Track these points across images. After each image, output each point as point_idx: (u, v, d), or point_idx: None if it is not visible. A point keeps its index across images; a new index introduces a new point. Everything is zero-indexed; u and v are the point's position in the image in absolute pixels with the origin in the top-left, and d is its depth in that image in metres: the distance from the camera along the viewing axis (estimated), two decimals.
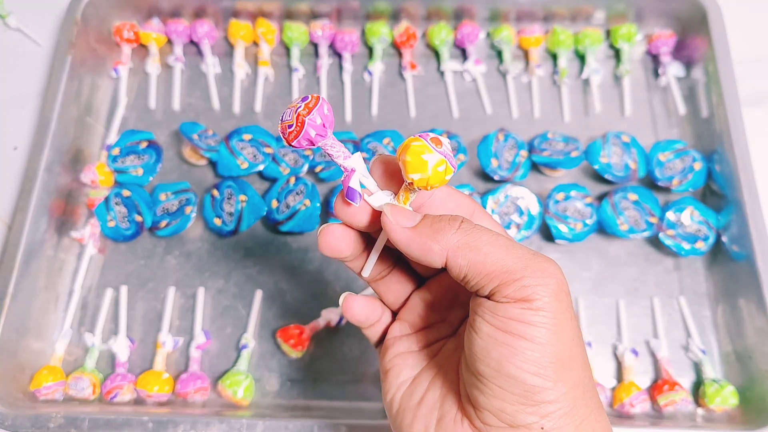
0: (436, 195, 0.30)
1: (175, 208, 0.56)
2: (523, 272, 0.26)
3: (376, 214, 0.29)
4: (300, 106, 0.27)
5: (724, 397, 0.49)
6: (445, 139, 0.27)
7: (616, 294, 0.55)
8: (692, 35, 0.62)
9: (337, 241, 0.30)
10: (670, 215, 0.55)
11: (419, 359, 0.33)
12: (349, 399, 0.52)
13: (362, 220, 0.29)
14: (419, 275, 0.34)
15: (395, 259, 0.34)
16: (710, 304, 0.55)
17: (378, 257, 0.32)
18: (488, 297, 0.27)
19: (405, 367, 0.32)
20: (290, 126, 0.27)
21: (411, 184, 0.27)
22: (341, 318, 0.54)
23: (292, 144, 0.27)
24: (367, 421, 0.48)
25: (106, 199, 0.56)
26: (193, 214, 0.56)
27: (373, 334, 0.35)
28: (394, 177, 0.30)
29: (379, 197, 0.29)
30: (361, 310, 0.33)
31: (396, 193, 0.29)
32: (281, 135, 0.28)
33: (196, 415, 0.48)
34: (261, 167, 0.57)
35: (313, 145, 0.27)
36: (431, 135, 0.27)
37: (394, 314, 0.35)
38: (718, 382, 0.50)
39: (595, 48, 0.64)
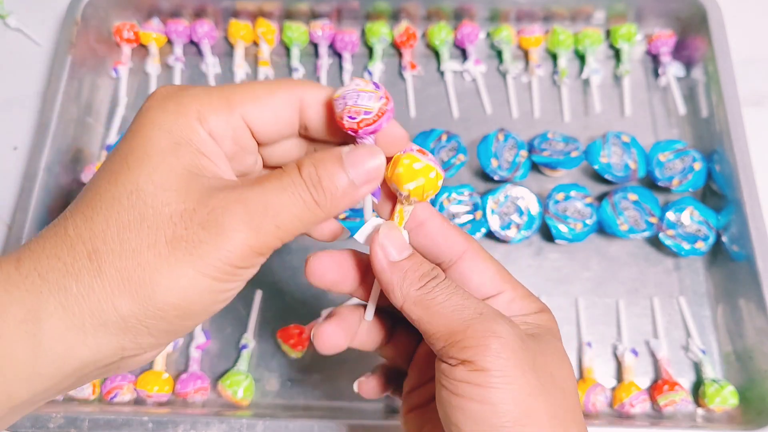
0: (429, 226, 0.29)
1: None
2: (464, 333, 0.25)
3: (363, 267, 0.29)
4: (381, 97, 0.26)
5: (724, 397, 0.49)
6: (428, 153, 0.27)
7: (616, 294, 0.55)
8: (692, 35, 0.62)
9: (327, 271, 0.29)
10: (670, 215, 0.55)
11: (428, 414, 0.32)
12: (349, 399, 0.52)
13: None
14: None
15: (393, 320, 0.33)
16: (710, 304, 0.55)
17: (376, 319, 0.32)
18: (443, 360, 0.26)
19: (416, 424, 0.32)
20: (367, 113, 0.25)
21: (407, 196, 0.27)
22: None
23: (359, 132, 0.25)
24: (367, 421, 0.48)
25: None
26: None
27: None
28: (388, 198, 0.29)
29: (371, 224, 0.29)
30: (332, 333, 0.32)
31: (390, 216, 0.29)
32: (345, 116, 0.25)
33: (196, 415, 0.48)
34: None
35: (365, 135, 0.26)
36: (416, 147, 0.27)
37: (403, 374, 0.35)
38: (718, 382, 0.50)
39: (595, 48, 0.64)
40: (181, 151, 0.24)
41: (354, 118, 0.25)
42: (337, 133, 0.27)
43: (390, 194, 0.29)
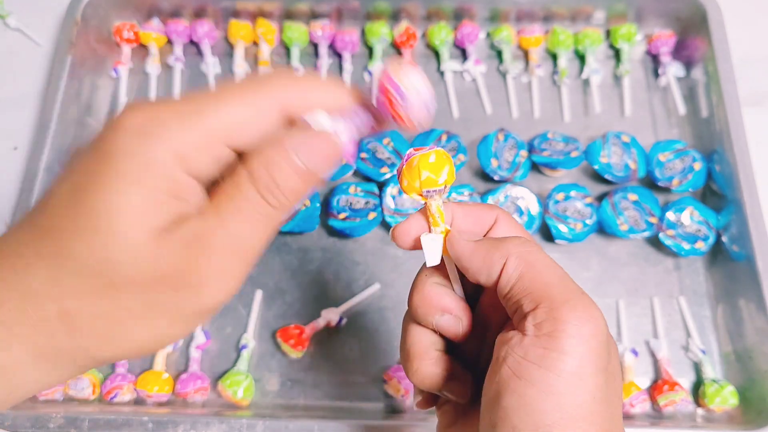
0: (457, 215, 0.28)
1: None
2: (562, 303, 0.24)
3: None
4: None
5: (724, 397, 0.49)
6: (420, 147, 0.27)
7: (616, 294, 0.55)
8: (692, 35, 0.62)
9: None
10: (670, 215, 0.55)
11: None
12: (349, 399, 0.52)
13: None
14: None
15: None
16: (710, 304, 0.55)
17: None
18: (518, 328, 0.24)
19: None
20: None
21: (445, 188, 0.26)
22: (341, 318, 0.54)
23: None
24: (367, 421, 0.48)
25: None
26: None
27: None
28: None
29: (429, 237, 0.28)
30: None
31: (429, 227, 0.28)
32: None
33: (196, 415, 0.48)
34: None
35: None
36: (413, 148, 0.27)
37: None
38: (718, 382, 0.50)
39: (595, 48, 0.64)
40: (154, 211, 0.22)
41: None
42: None
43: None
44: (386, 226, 0.56)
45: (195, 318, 0.23)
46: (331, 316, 0.53)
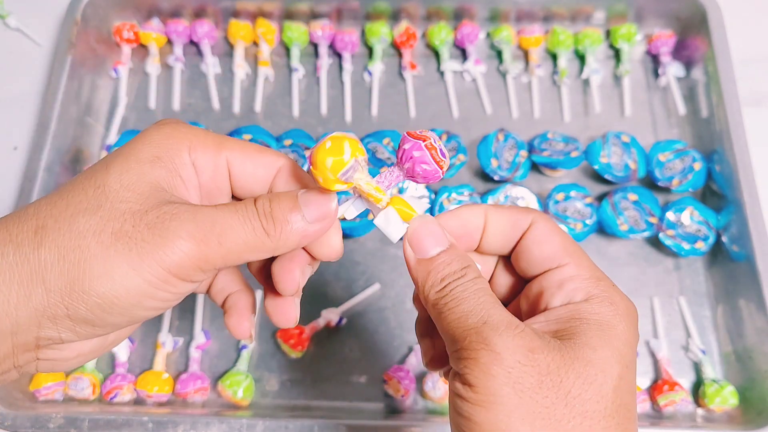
0: (490, 218, 0.28)
1: None
2: (461, 343, 0.24)
3: None
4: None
5: (724, 397, 0.49)
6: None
7: None
8: (692, 35, 0.62)
9: None
10: (670, 215, 0.55)
11: None
12: (349, 399, 0.52)
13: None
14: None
15: None
16: (710, 304, 0.55)
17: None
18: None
19: None
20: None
21: (356, 162, 0.25)
22: (341, 318, 0.54)
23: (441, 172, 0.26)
24: (367, 421, 0.48)
25: None
26: None
27: None
28: None
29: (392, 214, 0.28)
30: None
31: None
32: (438, 167, 0.26)
33: (196, 415, 0.48)
34: None
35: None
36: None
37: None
38: (718, 382, 0.50)
39: (595, 48, 0.64)
40: (159, 164, 0.26)
41: (440, 167, 0.26)
42: None
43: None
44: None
45: (151, 270, 0.24)
46: (331, 316, 0.53)
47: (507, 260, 0.30)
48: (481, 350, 0.23)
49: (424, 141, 0.26)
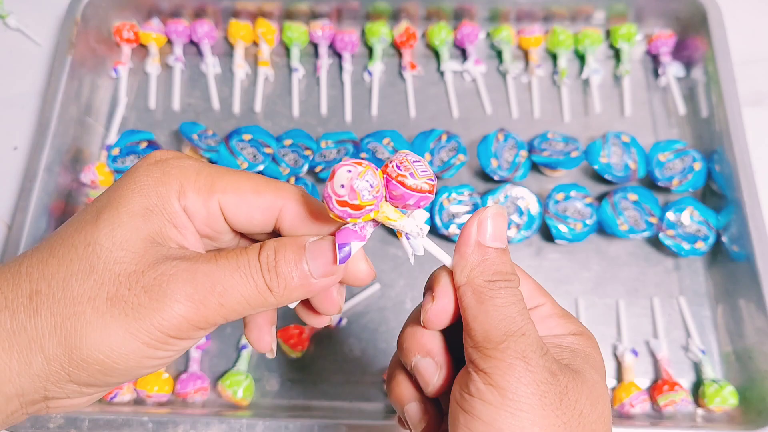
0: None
1: None
2: (497, 343, 0.24)
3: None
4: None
5: (724, 397, 0.49)
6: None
7: (616, 294, 0.55)
8: (692, 35, 0.62)
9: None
10: (670, 215, 0.55)
11: None
12: (349, 399, 0.52)
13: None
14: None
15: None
16: (710, 304, 0.55)
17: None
18: (468, 366, 0.25)
19: None
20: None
21: (378, 195, 0.24)
22: (341, 318, 0.54)
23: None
24: (367, 421, 0.48)
25: None
26: None
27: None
28: None
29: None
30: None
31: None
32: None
33: (196, 415, 0.48)
34: (261, 167, 0.57)
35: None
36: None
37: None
38: (717, 382, 0.50)
39: (595, 48, 0.64)
40: (151, 217, 0.25)
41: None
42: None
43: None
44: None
45: (149, 334, 0.23)
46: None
47: None
48: (518, 359, 0.23)
49: (384, 171, 0.24)
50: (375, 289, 0.55)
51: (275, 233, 0.27)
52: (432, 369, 0.27)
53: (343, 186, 0.22)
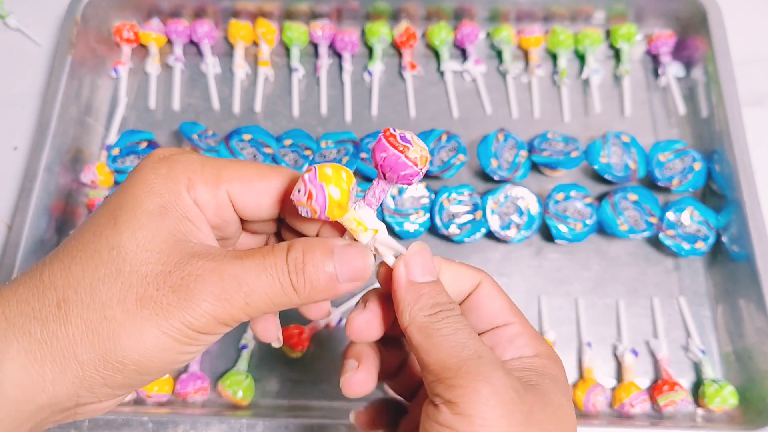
0: (442, 271, 0.28)
1: None
2: (457, 372, 0.23)
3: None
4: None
5: (724, 397, 0.49)
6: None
7: (616, 294, 0.55)
8: (692, 35, 0.62)
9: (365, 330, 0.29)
10: (670, 215, 0.55)
11: None
12: (349, 399, 0.52)
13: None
14: None
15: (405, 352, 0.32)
16: (710, 304, 0.55)
17: (389, 348, 0.31)
18: (430, 398, 0.25)
19: None
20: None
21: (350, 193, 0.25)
22: (341, 318, 0.54)
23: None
24: None
25: None
26: None
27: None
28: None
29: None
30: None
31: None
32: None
33: (196, 415, 0.48)
34: None
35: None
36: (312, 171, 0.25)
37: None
38: (717, 382, 0.50)
39: (595, 48, 0.64)
40: (167, 215, 0.25)
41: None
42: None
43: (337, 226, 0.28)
44: (386, 226, 0.56)
45: (180, 332, 0.24)
46: (331, 316, 0.53)
47: None
48: (481, 382, 0.23)
49: (384, 133, 0.25)
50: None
51: (280, 220, 0.29)
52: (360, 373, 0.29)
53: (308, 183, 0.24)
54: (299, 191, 0.25)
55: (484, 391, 0.23)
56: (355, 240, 0.27)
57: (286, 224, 0.29)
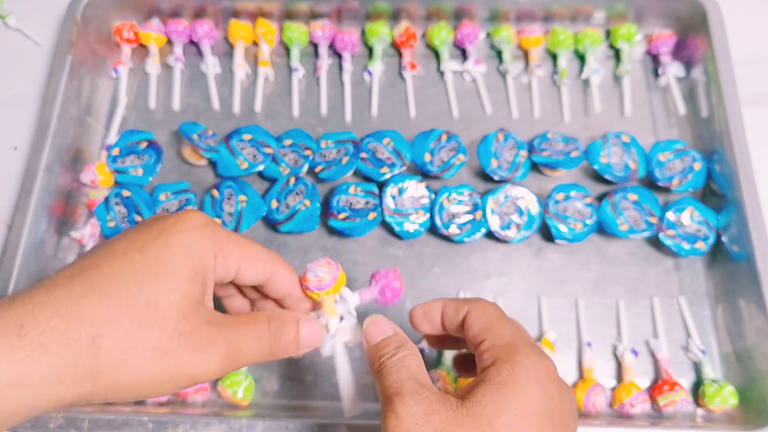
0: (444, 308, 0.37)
1: (175, 209, 0.56)
2: (383, 408, 0.31)
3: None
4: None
5: (724, 397, 0.49)
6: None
7: (616, 294, 0.55)
8: (692, 35, 0.62)
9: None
10: (670, 215, 0.55)
11: None
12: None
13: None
14: None
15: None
16: (710, 304, 0.55)
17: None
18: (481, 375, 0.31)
19: None
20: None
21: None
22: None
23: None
24: (367, 421, 0.48)
25: (106, 200, 0.56)
26: None
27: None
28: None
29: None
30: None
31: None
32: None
33: (196, 415, 0.48)
34: (261, 167, 0.57)
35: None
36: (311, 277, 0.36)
37: None
38: (717, 382, 0.50)
39: (594, 48, 0.64)
40: (195, 279, 0.31)
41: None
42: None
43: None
44: (386, 226, 0.56)
45: (185, 382, 0.30)
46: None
47: None
48: (390, 415, 0.29)
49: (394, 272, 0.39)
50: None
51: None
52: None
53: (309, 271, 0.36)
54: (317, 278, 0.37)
55: (391, 424, 0.30)
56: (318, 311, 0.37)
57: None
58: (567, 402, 0.31)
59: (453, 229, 0.55)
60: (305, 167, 0.57)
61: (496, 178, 0.57)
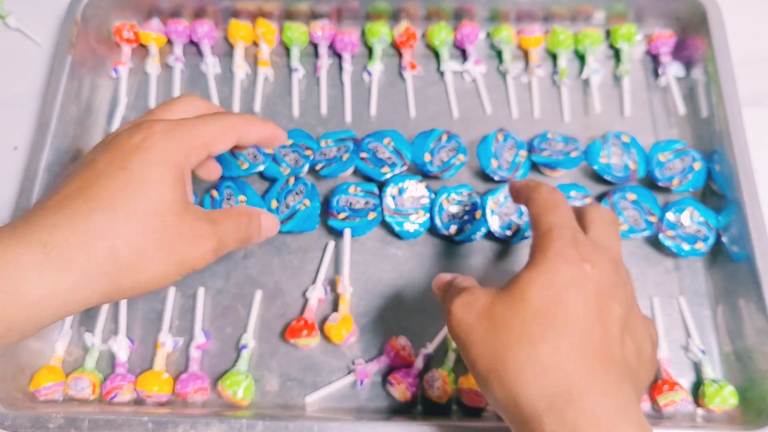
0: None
1: None
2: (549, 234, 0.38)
3: None
4: None
5: (724, 397, 0.49)
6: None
7: None
8: (692, 35, 0.62)
9: None
10: (670, 216, 0.55)
11: None
12: (349, 401, 0.52)
13: None
14: None
15: None
16: (710, 304, 0.55)
17: None
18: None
19: None
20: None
21: None
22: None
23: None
24: (367, 421, 0.48)
25: None
26: None
27: None
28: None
29: None
30: None
31: None
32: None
33: (196, 415, 0.48)
34: (261, 167, 0.57)
35: None
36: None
37: None
38: (717, 382, 0.50)
39: (595, 48, 0.64)
40: (179, 182, 0.37)
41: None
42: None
43: None
44: (386, 226, 0.56)
45: (186, 270, 0.37)
46: (314, 293, 0.53)
47: None
48: (447, 315, 0.37)
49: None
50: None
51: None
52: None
53: None
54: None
55: (448, 314, 0.37)
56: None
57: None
58: (606, 274, 0.35)
59: (453, 229, 0.55)
60: (306, 167, 0.57)
61: (496, 178, 0.57)
